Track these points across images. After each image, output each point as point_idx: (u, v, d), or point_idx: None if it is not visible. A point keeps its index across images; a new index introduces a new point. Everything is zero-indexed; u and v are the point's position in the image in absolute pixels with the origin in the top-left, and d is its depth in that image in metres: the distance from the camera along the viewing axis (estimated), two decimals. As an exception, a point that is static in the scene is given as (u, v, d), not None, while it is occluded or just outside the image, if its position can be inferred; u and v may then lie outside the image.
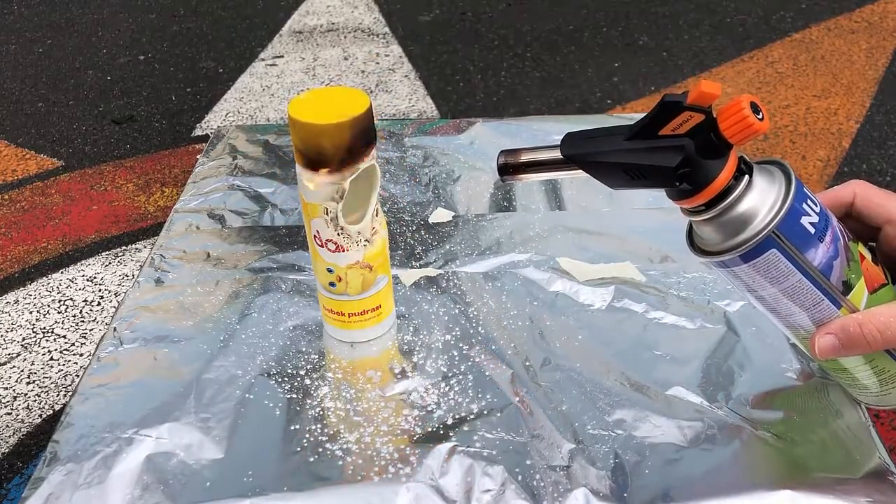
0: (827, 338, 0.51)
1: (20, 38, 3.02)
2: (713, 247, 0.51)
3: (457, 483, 0.56)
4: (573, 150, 0.51)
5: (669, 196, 0.51)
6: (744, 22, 2.82)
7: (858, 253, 0.52)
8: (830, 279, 0.50)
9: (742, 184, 0.48)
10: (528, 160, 0.53)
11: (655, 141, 0.48)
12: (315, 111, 0.58)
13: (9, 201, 2.10)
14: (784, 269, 0.49)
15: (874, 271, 0.52)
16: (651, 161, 0.48)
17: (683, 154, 0.47)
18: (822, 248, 0.49)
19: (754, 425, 0.59)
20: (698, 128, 0.47)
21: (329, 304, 0.66)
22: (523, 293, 0.74)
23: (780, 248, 0.48)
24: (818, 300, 0.50)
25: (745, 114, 0.45)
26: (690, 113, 0.46)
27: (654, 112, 0.48)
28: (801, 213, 0.48)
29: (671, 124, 0.47)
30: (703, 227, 0.51)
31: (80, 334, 1.65)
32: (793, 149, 2.13)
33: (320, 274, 0.65)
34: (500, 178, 0.54)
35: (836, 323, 0.51)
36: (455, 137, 1.00)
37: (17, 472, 1.40)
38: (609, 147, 0.50)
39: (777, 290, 0.50)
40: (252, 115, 2.44)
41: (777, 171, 0.50)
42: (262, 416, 0.62)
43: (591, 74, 2.57)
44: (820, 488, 0.54)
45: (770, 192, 0.49)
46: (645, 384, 0.63)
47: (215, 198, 0.89)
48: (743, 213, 0.48)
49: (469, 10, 3.05)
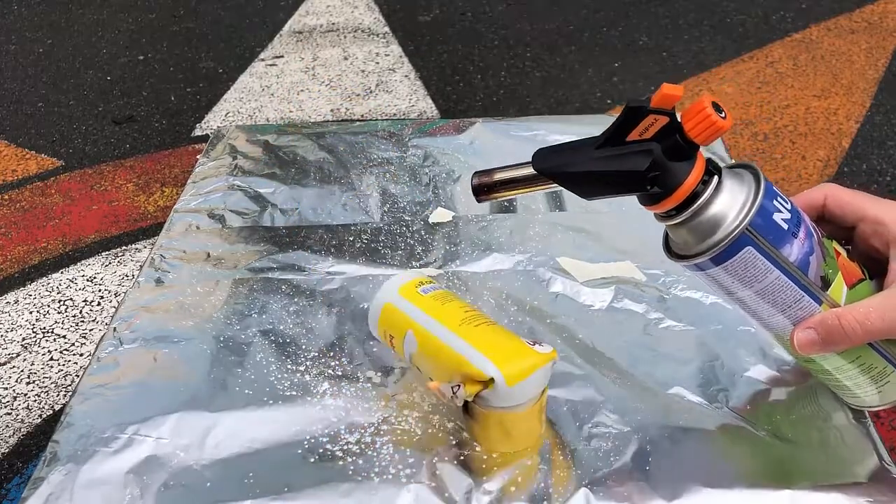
0: (806, 332, 0.51)
1: (20, 38, 3.02)
2: (687, 250, 0.51)
3: (457, 484, 0.56)
4: (544, 164, 0.52)
5: (641, 202, 0.51)
6: (744, 22, 2.82)
7: (833, 249, 0.52)
8: (808, 275, 0.50)
9: (711, 186, 0.49)
10: (502, 178, 0.54)
11: (624, 147, 0.49)
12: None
13: (9, 201, 2.10)
14: (761, 267, 0.49)
15: (851, 267, 0.52)
16: (621, 167, 0.49)
17: (652, 157, 0.48)
18: (797, 244, 0.49)
19: (754, 425, 0.59)
20: (664, 131, 0.47)
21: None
22: (523, 293, 0.74)
23: (756, 245, 0.48)
24: (798, 297, 0.50)
25: (707, 112, 0.46)
26: (655, 116, 0.47)
27: (620, 118, 0.48)
28: (772, 209, 0.49)
29: (638, 129, 0.48)
30: (676, 232, 0.51)
31: (80, 334, 1.65)
32: (793, 149, 2.13)
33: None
34: (476, 199, 0.55)
35: (815, 317, 0.51)
36: (455, 137, 1.00)
37: (17, 472, 1.40)
38: (579, 157, 0.50)
39: (756, 290, 0.50)
40: (252, 115, 2.44)
41: (746, 173, 0.50)
42: (262, 416, 0.62)
43: (591, 74, 2.57)
44: (820, 488, 0.54)
45: (740, 192, 0.49)
46: (645, 384, 0.63)
47: (215, 198, 0.89)
48: (714, 215, 0.49)
49: (469, 10, 3.05)
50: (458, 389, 0.54)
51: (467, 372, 0.55)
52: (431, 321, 0.58)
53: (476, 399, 0.55)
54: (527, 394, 0.55)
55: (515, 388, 0.54)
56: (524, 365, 0.55)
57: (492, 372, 0.54)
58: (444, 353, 0.57)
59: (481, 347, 0.56)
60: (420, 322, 0.59)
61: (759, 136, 2.17)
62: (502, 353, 0.55)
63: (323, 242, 0.82)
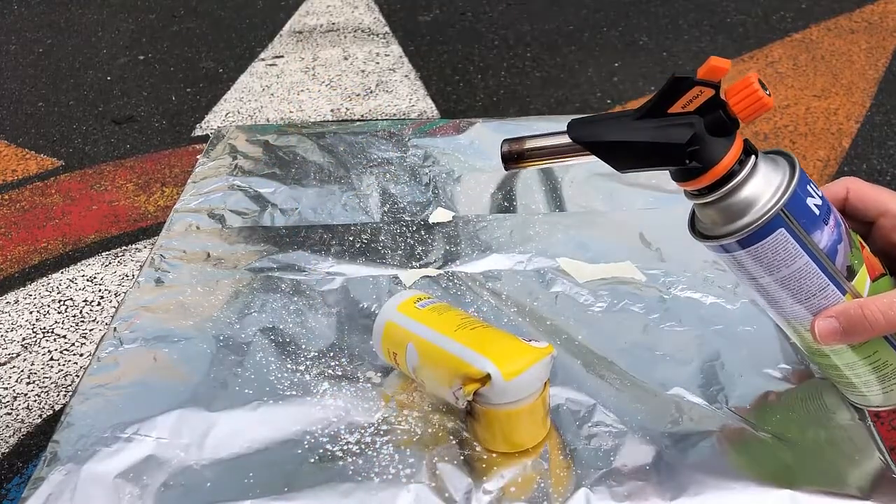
0: (828, 321, 0.50)
1: (20, 38, 3.02)
2: (715, 230, 0.50)
3: (457, 484, 0.56)
4: (581, 133, 0.50)
5: (675, 178, 0.50)
6: (744, 22, 2.82)
7: (859, 241, 0.52)
8: (835, 263, 0.49)
9: (748, 166, 0.48)
10: (533, 146, 0.52)
11: (665, 119, 0.48)
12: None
13: (9, 201, 2.10)
14: (791, 252, 0.48)
15: (873, 260, 0.52)
16: (661, 138, 0.48)
17: (693, 131, 0.47)
18: (828, 231, 0.49)
19: (755, 426, 0.59)
20: (707, 105, 0.47)
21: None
22: (523, 293, 0.74)
23: (788, 228, 0.48)
24: (823, 285, 0.50)
25: (755, 87, 0.45)
26: (700, 88, 0.46)
27: (664, 89, 0.47)
28: (806, 194, 0.48)
29: (680, 101, 0.47)
30: (705, 211, 0.50)
31: (80, 334, 1.65)
32: (793, 149, 2.13)
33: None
34: (504, 166, 0.53)
35: (837, 306, 0.50)
36: (455, 137, 1.00)
37: (17, 472, 1.40)
38: (618, 127, 0.49)
39: (781, 276, 0.49)
40: (252, 115, 2.44)
41: (780, 158, 0.50)
42: (262, 415, 0.62)
43: (591, 74, 2.57)
44: (820, 489, 0.54)
45: (775, 175, 0.49)
46: (645, 384, 0.63)
47: (215, 198, 0.89)
48: (748, 196, 0.48)
49: (469, 10, 3.05)
50: (458, 390, 0.55)
51: (465, 372, 0.55)
52: (429, 331, 0.59)
53: (476, 398, 0.55)
54: (526, 389, 0.56)
55: (513, 383, 0.54)
56: (520, 360, 0.55)
57: (488, 368, 0.54)
58: (443, 358, 0.57)
59: (477, 347, 0.56)
60: (418, 333, 0.59)
61: (759, 136, 2.17)
62: (498, 350, 0.56)
63: (323, 242, 0.82)
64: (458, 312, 0.61)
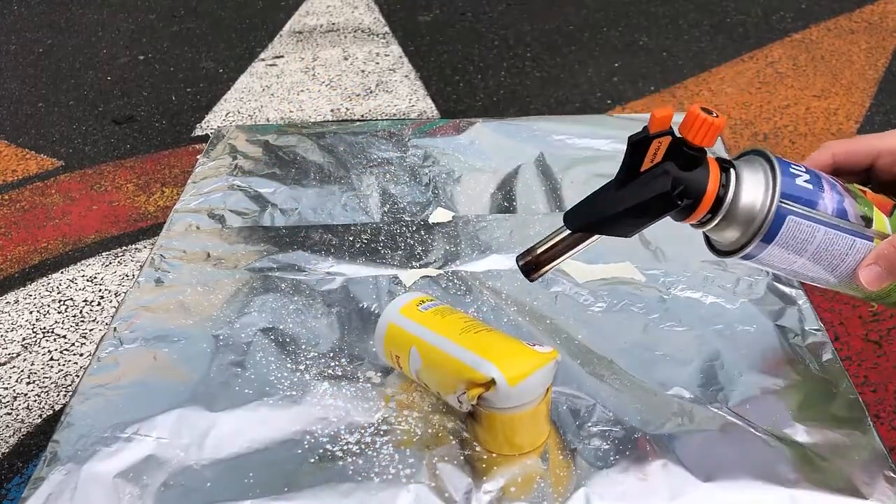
0: (869, 269, 0.52)
1: (20, 38, 3.02)
2: (736, 244, 0.53)
3: (457, 484, 0.56)
4: (578, 223, 0.54)
5: (676, 219, 0.54)
6: (744, 22, 2.82)
7: (859, 189, 0.54)
8: (849, 219, 0.52)
9: (732, 180, 0.51)
10: (543, 250, 0.55)
11: (642, 178, 0.51)
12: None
13: (9, 201, 2.10)
14: (808, 230, 0.51)
15: (880, 198, 0.54)
16: (647, 195, 0.51)
17: (671, 175, 0.51)
18: (827, 196, 0.51)
19: (754, 426, 0.59)
20: (671, 149, 0.50)
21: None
22: (523, 293, 0.74)
23: (795, 213, 0.51)
24: (850, 243, 0.52)
25: (702, 117, 0.49)
26: (658, 140, 0.50)
27: (627, 155, 0.51)
28: (793, 176, 0.51)
29: (647, 158, 0.51)
30: (719, 233, 0.53)
31: (80, 334, 1.65)
32: (792, 149, 2.13)
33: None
34: (528, 279, 0.56)
35: (871, 254, 0.52)
36: (455, 137, 1.00)
37: (17, 472, 1.40)
38: (607, 204, 0.53)
39: (811, 253, 0.52)
40: (252, 115, 2.44)
41: (754, 157, 0.53)
42: (261, 415, 0.62)
43: (591, 74, 2.57)
44: (820, 488, 0.54)
45: (759, 175, 0.51)
46: (645, 384, 0.63)
47: (215, 198, 0.89)
48: (746, 204, 0.51)
49: (469, 10, 3.05)
50: (463, 395, 0.55)
51: (469, 377, 0.55)
52: (433, 335, 0.59)
53: (480, 401, 0.55)
54: (530, 394, 0.56)
55: (517, 388, 0.54)
56: (525, 365, 0.55)
57: (493, 373, 0.54)
58: (447, 363, 0.57)
59: (481, 351, 0.56)
60: (422, 337, 0.59)
61: (759, 136, 2.17)
62: (502, 355, 0.55)
63: (323, 242, 0.82)
64: (461, 316, 0.61)
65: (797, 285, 0.73)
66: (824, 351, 0.65)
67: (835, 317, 1.55)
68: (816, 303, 1.59)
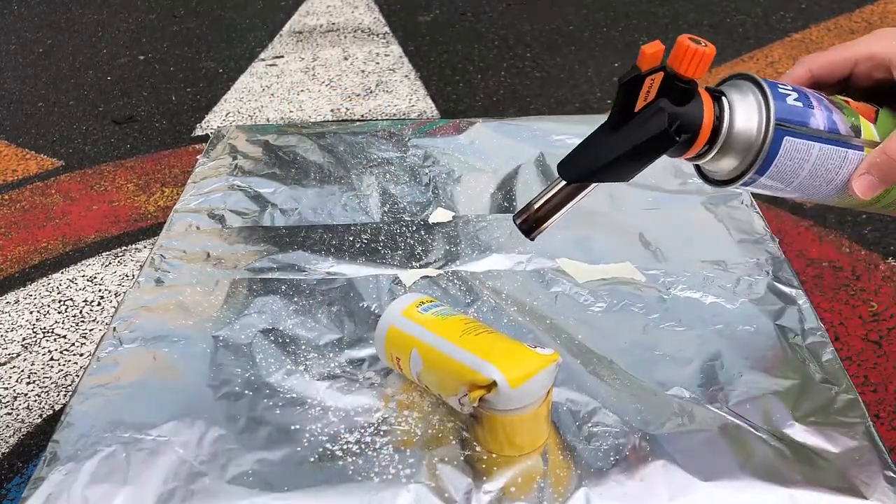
0: (862, 178, 0.53)
1: (20, 38, 3.02)
2: (734, 172, 0.52)
3: (457, 484, 0.56)
4: (574, 173, 0.52)
5: (673, 155, 0.52)
6: (744, 22, 2.82)
7: (842, 100, 0.54)
8: (840, 131, 0.52)
9: (726, 108, 0.51)
10: (540, 205, 0.54)
11: (637, 118, 0.50)
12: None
13: (9, 201, 2.10)
14: (804, 149, 0.51)
15: (863, 106, 0.55)
16: (645, 135, 0.50)
17: (667, 111, 0.49)
18: (817, 112, 0.52)
19: (754, 426, 0.59)
20: (663, 85, 0.49)
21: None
22: (523, 293, 0.74)
23: (790, 133, 0.50)
24: (843, 155, 0.52)
25: (693, 47, 0.48)
26: (651, 77, 0.49)
27: (620, 96, 0.50)
28: (783, 96, 0.51)
29: (640, 97, 0.49)
30: (717, 164, 0.53)
31: (80, 334, 1.65)
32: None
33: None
34: (528, 238, 0.55)
35: (863, 163, 0.53)
36: (455, 137, 1.00)
37: (17, 472, 1.40)
38: (602, 150, 0.51)
39: (808, 171, 0.52)
40: (252, 115, 2.44)
41: (741, 82, 0.52)
42: (261, 415, 0.62)
43: (591, 74, 2.57)
44: (819, 488, 0.54)
45: (750, 99, 0.51)
46: (645, 384, 0.63)
47: (215, 198, 0.89)
48: (742, 130, 0.50)
49: (469, 10, 3.05)
50: (464, 397, 0.55)
51: (471, 379, 0.55)
52: (434, 336, 0.59)
53: (481, 404, 0.55)
54: (531, 396, 0.56)
55: (518, 390, 0.54)
56: (526, 367, 0.55)
57: (494, 375, 0.54)
58: (448, 365, 0.57)
59: (483, 354, 0.56)
60: (423, 339, 0.59)
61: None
62: (504, 357, 0.55)
63: (323, 242, 0.82)
64: (462, 317, 0.61)
65: (797, 285, 0.73)
66: (824, 351, 0.65)
67: (835, 317, 1.55)
68: (816, 303, 1.59)
